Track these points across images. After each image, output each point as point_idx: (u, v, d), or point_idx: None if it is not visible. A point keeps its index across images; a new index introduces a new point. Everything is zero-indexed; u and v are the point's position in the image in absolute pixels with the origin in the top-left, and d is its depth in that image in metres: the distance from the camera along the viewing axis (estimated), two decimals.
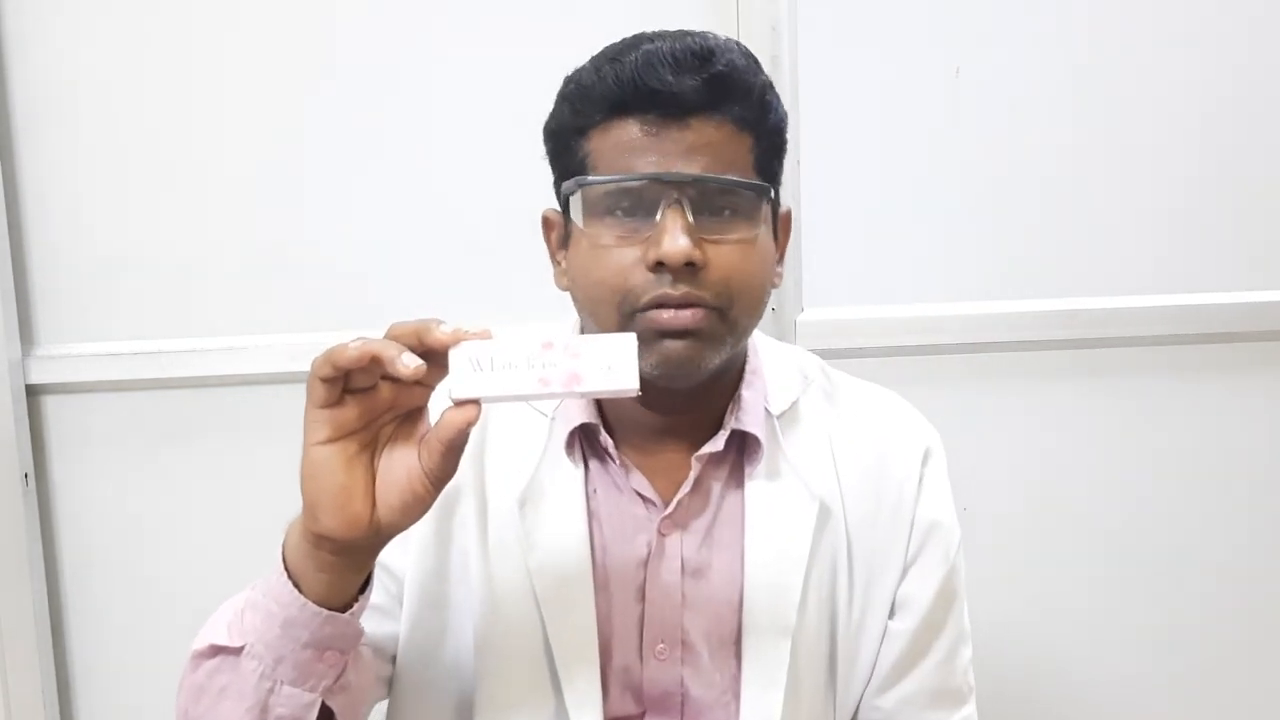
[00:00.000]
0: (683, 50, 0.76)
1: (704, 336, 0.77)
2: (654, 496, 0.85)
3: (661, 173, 0.76)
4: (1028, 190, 1.42)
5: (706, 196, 0.77)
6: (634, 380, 0.64)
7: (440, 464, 0.65)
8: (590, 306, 0.80)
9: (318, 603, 0.69)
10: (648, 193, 0.76)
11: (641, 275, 0.76)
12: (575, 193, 0.79)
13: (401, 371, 0.62)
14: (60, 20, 1.34)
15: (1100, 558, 1.50)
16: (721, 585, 0.85)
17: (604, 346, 0.65)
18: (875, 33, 1.38)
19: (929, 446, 0.91)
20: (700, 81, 0.76)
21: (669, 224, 0.75)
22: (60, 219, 1.37)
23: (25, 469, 1.38)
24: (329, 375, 0.64)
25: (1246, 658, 1.53)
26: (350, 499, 0.66)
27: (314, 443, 0.66)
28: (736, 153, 0.78)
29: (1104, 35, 1.41)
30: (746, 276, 0.79)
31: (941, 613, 0.89)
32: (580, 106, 0.79)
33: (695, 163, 0.76)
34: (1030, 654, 1.51)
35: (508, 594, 0.84)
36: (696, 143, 0.76)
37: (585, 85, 0.79)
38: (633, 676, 0.85)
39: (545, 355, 0.64)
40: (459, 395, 0.64)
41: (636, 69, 0.76)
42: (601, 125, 0.78)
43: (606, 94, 0.77)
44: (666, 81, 0.75)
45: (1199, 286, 1.44)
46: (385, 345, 0.63)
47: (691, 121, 0.76)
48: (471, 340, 0.64)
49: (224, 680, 0.72)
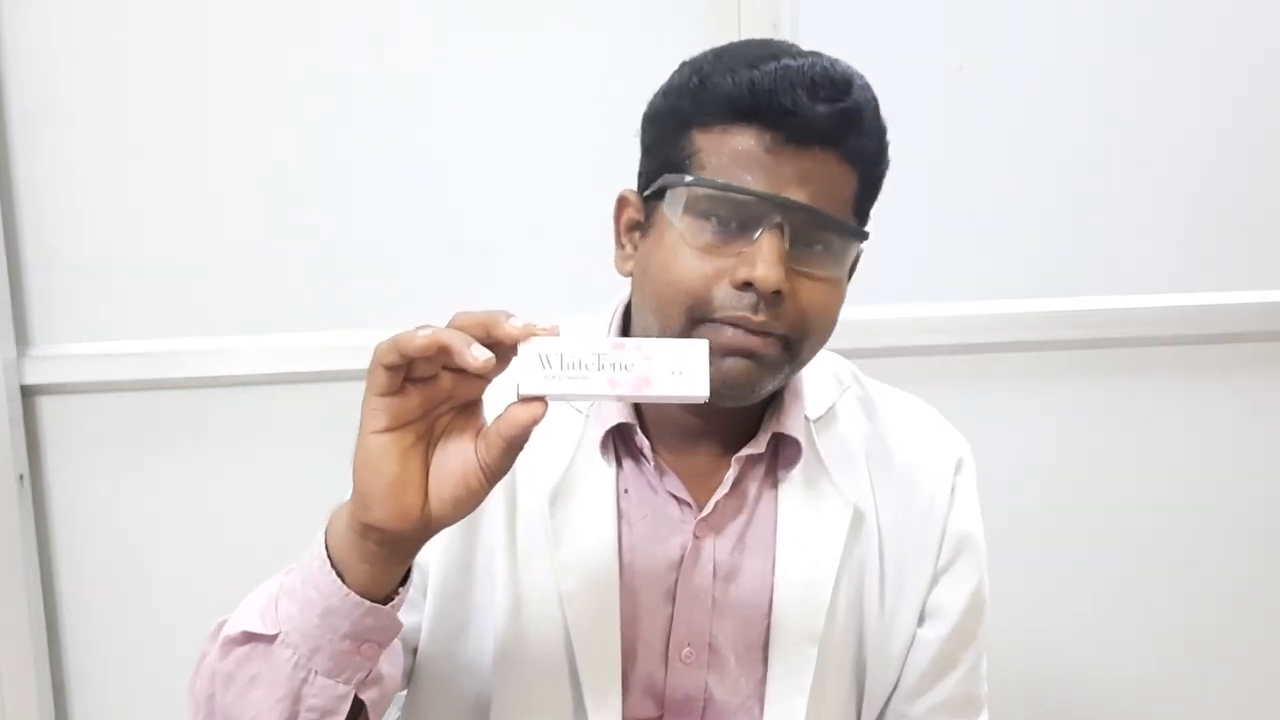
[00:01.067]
0: (823, 75, 0.74)
1: (766, 363, 0.77)
2: (689, 499, 0.84)
3: (774, 194, 0.74)
4: (1030, 190, 1.42)
5: (807, 228, 0.76)
6: (705, 387, 0.63)
7: (499, 459, 0.64)
8: (657, 302, 0.78)
9: (360, 593, 0.67)
10: (752, 209, 0.75)
11: (724, 289, 0.75)
12: (678, 188, 0.77)
13: (470, 364, 0.61)
14: (59, 20, 1.33)
15: (1105, 557, 1.50)
16: (752, 590, 0.84)
17: (676, 351, 0.63)
18: (877, 31, 1.38)
19: (961, 457, 0.91)
20: (832, 111, 0.74)
21: (766, 248, 0.74)
22: (56, 219, 1.36)
23: (20, 470, 1.37)
24: (394, 362, 0.62)
25: (1251, 656, 1.53)
26: (404, 490, 0.64)
27: (371, 431, 0.64)
28: (843, 190, 0.77)
29: (1106, 35, 1.40)
30: (823, 315, 0.78)
31: (973, 622, 0.89)
32: (702, 102, 0.77)
33: (804, 190, 0.75)
34: (1038, 654, 1.51)
35: (532, 590, 0.83)
36: (810, 171, 0.75)
37: (713, 83, 0.76)
38: (655, 680, 0.84)
39: (616, 355, 0.63)
40: (527, 392, 0.62)
41: (774, 81, 0.74)
42: (721, 126, 0.76)
43: (736, 98, 0.75)
44: (801, 103, 0.73)
45: (1205, 286, 1.44)
46: (454, 335, 0.61)
47: (813, 149, 0.75)
48: (541, 336, 0.62)
49: (255, 668, 0.70)
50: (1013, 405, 1.45)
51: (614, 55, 1.36)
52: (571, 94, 1.37)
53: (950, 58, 1.39)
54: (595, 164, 1.32)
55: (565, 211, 1.37)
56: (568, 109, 1.37)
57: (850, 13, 1.37)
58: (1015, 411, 1.45)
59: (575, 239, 1.36)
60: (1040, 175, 1.42)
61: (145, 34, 1.34)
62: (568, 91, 1.37)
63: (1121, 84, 1.41)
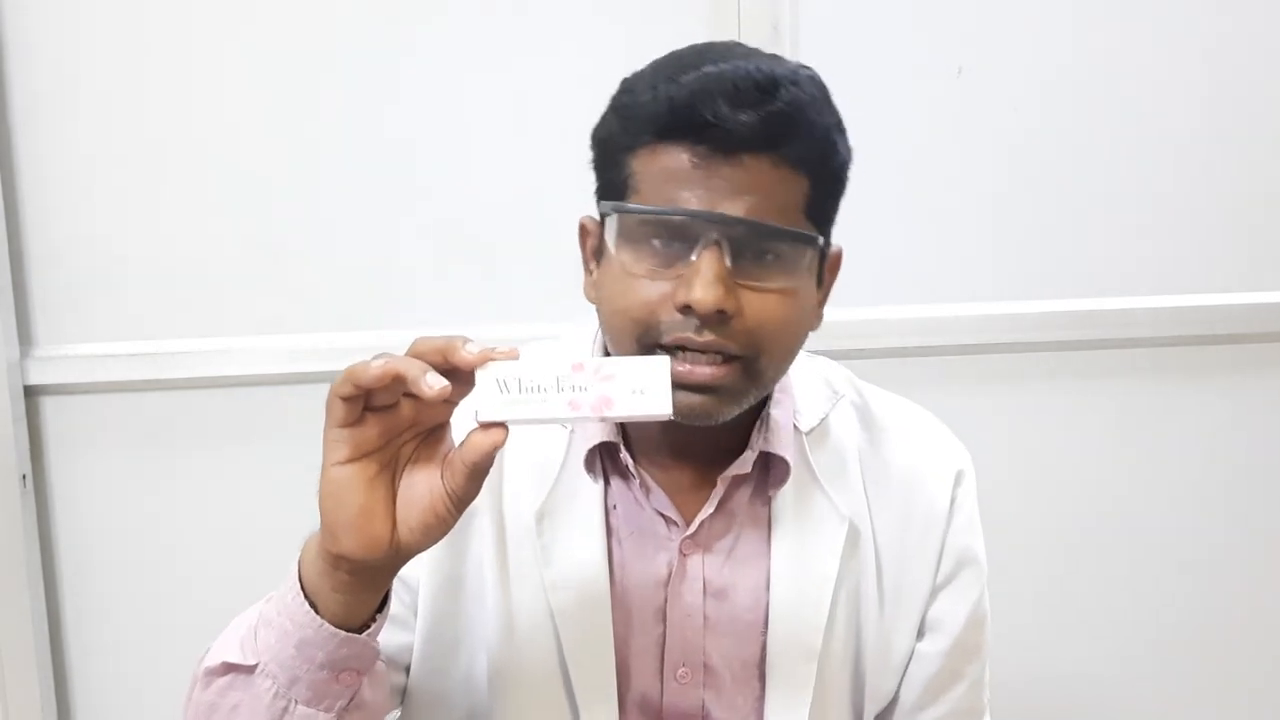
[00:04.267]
0: (744, 79, 0.70)
1: (722, 392, 0.74)
2: (675, 516, 0.82)
3: (703, 211, 0.71)
4: (1029, 191, 1.42)
5: (749, 239, 0.72)
6: (667, 405, 0.62)
7: (464, 486, 0.63)
8: (612, 333, 0.78)
9: (334, 623, 0.67)
10: (688, 229, 0.72)
11: (668, 313, 0.72)
12: (612, 215, 0.75)
13: (425, 392, 0.60)
14: (60, 20, 1.33)
15: (1105, 558, 1.50)
16: (745, 608, 0.83)
17: (636, 369, 0.63)
18: (877, 32, 1.38)
19: (961, 468, 0.89)
20: (757, 118, 0.70)
21: (704, 267, 0.71)
22: (59, 220, 1.36)
23: (23, 470, 1.37)
24: (349, 394, 0.61)
25: (1251, 657, 1.53)
26: (370, 520, 0.64)
27: (333, 462, 0.63)
28: (789, 195, 0.73)
29: (1106, 35, 1.40)
30: (779, 327, 0.74)
31: (974, 636, 0.88)
32: (629, 123, 0.75)
33: (742, 202, 0.71)
34: (1034, 656, 1.51)
35: (523, 609, 0.82)
36: (746, 181, 0.71)
37: (638, 101, 0.74)
38: (651, 698, 0.83)
39: (575, 377, 0.62)
40: (485, 418, 0.62)
41: (691, 94, 0.70)
42: (649, 147, 0.73)
43: (657, 115, 0.72)
44: (721, 114, 0.70)
45: (1204, 287, 1.44)
46: (409, 364, 0.61)
47: (744, 158, 0.71)
48: (499, 360, 0.62)
49: (236, 698, 0.70)
50: (1012, 406, 1.45)
51: (613, 56, 1.34)
52: (571, 95, 1.37)
53: (950, 58, 1.39)
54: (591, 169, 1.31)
55: (564, 215, 1.36)
56: (567, 110, 1.37)
57: (850, 14, 1.37)
58: (1014, 412, 1.45)
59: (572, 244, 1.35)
60: (1040, 176, 1.42)
61: (148, 35, 1.34)
62: (568, 93, 1.37)
63: (1121, 84, 1.41)
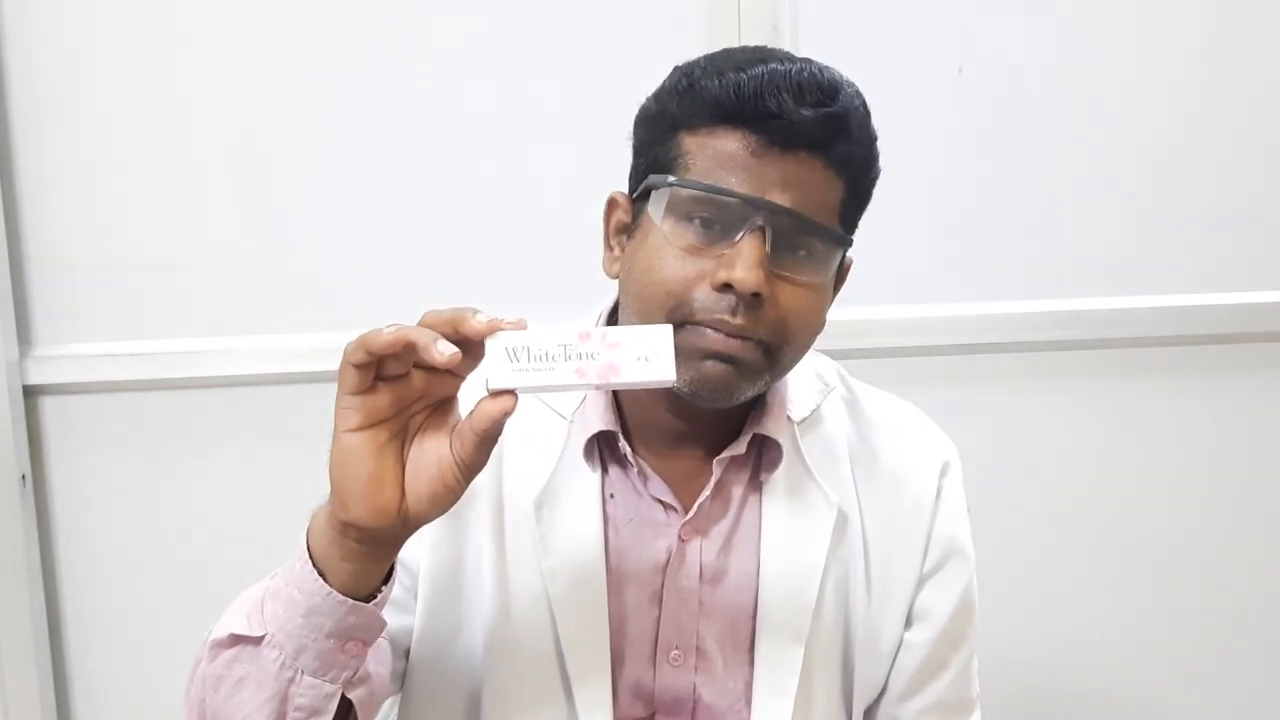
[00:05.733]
0: (809, 80, 0.74)
1: (745, 368, 0.77)
2: (674, 502, 0.84)
3: (757, 196, 0.74)
4: (1029, 191, 1.42)
5: (790, 231, 0.76)
6: (671, 371, 0.64)
7: (473, 454, 0.65)
8: (640, 304, 0.79)
9: (342, 592, 0.68)
10: (735, 211, 0.75)
11: (704, 291, 0.75)
12: (662, 189, 0.77)
13: (436, 359, 0.62)
14: (60, 20, 1.33)
15: (1103, 558, 1.50)
16: (737, 592, 0.84)
17: (641, 337, 0.64)
18: (877, 32, 1.38)
19: (947, 460, 0.91)
20: (816, 117, 0.74)
21: (747, 250, 0.74)
22: (58, 219, 1.36)
23: (23, 470, 1.37)
24: (362, 360, 0.63)
25: (1249, 657, 1.53)
26: (380, 487, 0.65)
27: (345, 429, 0.65)
28: (829, 196, 0.77)
29: (1106, 35, 1.40)
30: (804, 321, 0.78)
31: (962, 625, 0.89)
32: (690, 104, 0.77)
33: (788, 195, 0.75)
34: (1035, 655, 1.51)
35: (520, 595, 0.83)
36: (795, 175, 0.75)
37: (701, 86, 0.77)
38: (644, 682, 0.85)
39: (582, 345, 0.64)
40: (495, 386, 0.63)
41: (759, 85, 0.74)
42: (708, 128, 0.76)
43: (723, 100, 0.75)
44: (786, 107, 0.73)
45: (1205, 286, 1.44)
46: (420, 332, 0.63)
47: (799, 153, 0.75)
48: (507, 330, 0.63)
49: (243, 670, 0.71)
50: (1012, 405, 1.45)
51: (613, 56, 1.36)
52: (571, 95, 1.37)
53: (950, 58, 1.39)
54: (593, 165, 1.31)
55: (564, 213, 1.38)
56: (567, 110, 1.38)
57: (850, 14, 1.38)
58: (1014, 412, 1.46)
59: (574, 240, 1.35)
60: (1039, 176, 1.42)
61: (147, 35, 1.34)
62: (567, 93, 1.37)
63: (1121, 84, 1.41)
